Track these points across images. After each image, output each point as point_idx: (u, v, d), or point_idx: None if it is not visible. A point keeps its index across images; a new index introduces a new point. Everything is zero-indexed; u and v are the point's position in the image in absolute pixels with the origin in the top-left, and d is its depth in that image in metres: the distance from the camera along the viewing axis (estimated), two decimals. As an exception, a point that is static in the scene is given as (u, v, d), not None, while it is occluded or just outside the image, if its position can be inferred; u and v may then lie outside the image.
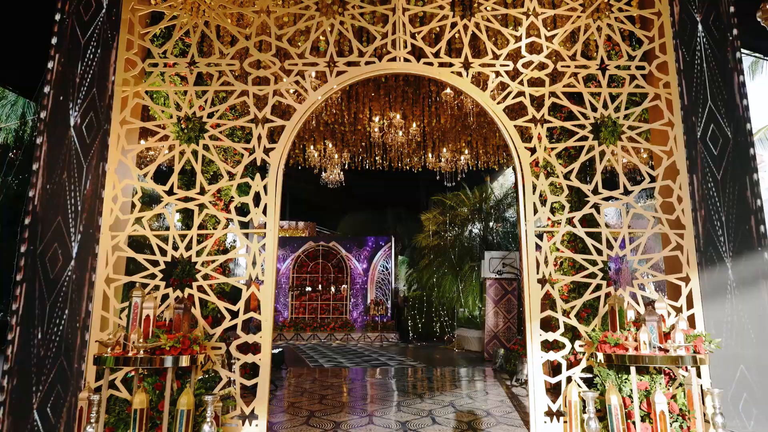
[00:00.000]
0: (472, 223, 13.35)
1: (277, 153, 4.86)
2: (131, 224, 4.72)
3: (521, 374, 7.25)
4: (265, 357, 4.53)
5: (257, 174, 4.85)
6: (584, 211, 4.84)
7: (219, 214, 4.80)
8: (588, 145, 4.94)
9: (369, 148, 8.77)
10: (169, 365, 3.94)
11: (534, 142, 4.92)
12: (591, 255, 4.78)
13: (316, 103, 4.98)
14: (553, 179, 4.94)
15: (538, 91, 5.03)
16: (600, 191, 4.83)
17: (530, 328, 4.62)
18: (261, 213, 4.81)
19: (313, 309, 17.37)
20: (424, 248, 14.40)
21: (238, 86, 5.00)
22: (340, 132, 8.32)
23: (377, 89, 7.30)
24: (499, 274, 10.88)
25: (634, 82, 5.04)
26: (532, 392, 4.53)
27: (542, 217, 4.79)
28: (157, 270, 4.66)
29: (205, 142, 4.92)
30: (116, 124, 4.85)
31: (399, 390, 7.04)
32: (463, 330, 13.14)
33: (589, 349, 4.55)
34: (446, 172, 9.18)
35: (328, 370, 9.26)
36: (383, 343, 14.66)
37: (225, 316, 4.66)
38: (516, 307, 10.95)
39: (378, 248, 17.45)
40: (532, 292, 4.66)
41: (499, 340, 10.88)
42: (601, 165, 4.89)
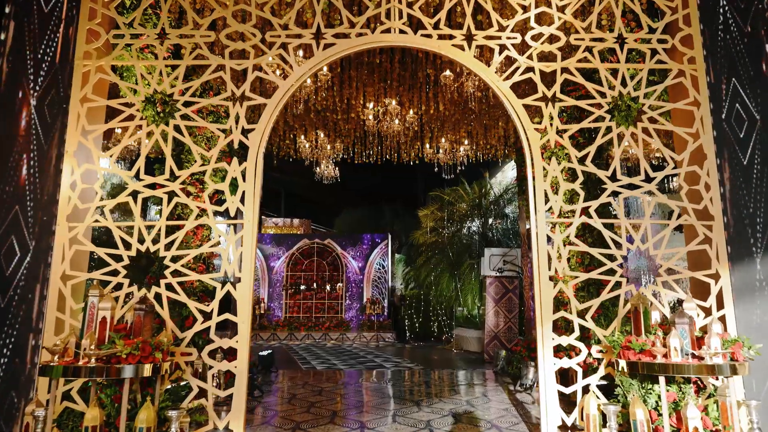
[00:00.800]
0: (471, 219, 12.77)
1: (256, 134, 4.29)
2: (92, 214, 4.14)
3: (526, 379, 6.70)
4: (242, 364, 3.96)
5: (234, 159, 4.27)
6: (601, 199, 4.27)
7: (190, 202, 4.22)
8: (605, 126, 4.38)
9: (363, 137, 8.20)
10: (127, 375, 3.37)
11: (545, 123, 4.36)
12: (608, 249, 4.21)
13: (302, 79, 4.40)
14: (567, 164, 4.37)
15: (549, 66, 4.47)
16: (618, 177, 4.27)
17: (541, 332, 4.05)
18: (238, 201, 4.23)
19: (307, 308, 16.79)
20: (422, 245, 13.82)
21: (213, 60, 4.42)
22: (332, 120, 7.74)
23: (371, 73, 6.73)
24: (499, 272, 10.33)
25: (656, 57, 4.48)
26: (544, 403, 3.96)
27: (554, 207, 4.22)
28: (121, 266, 4.07)
29: (176, 122, 4.33)
30: (76, 102, 4.27)
31: (395, 396, 6.47)
32: (461, 330, 12.58)
33: (607, 356, 3.99)
34: (445, 164, 8.61)
35: (320, 373, 8.68)
36: (379, 344, 14.09)
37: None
38: (517, 307, 10.40)
39: (374, 245, 16.88)
40: (544, 291, 4.09)
41: (500, 341, 10.33)
42: (620, 148, 4.33)
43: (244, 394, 3.92)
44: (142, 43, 4.46)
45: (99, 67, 4.37)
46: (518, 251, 10.40)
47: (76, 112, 4.24)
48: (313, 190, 21.41)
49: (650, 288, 4.09)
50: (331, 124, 7.93)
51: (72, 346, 3.45)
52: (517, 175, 9.23)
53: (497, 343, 10.33)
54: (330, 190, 19.82)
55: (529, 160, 4.35)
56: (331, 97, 7.00)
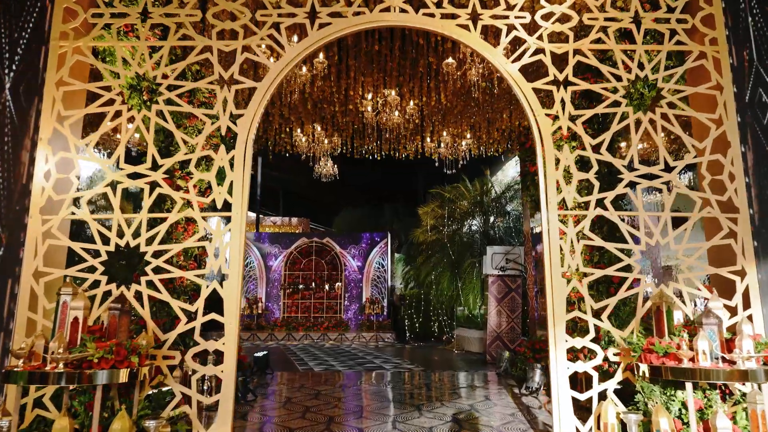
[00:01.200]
0: (472, 217, 12.43)
1: (246, 120, 3.95)
2: (67, 206, 3.80)
3: (532, 382, 6.36)
4: (229, 368, 3.62)
5: (221, 146, 3.94)
6: (618, 190, 3.93)
7: (173, 193, 3.88)
8: (621, 111, 4.05)
9: (362, 131, 7.86)
10: (100, 382, 3.03)
11: (556, 108, 4.02)
12: (625, 244, 3.88)
13: (294, 61, 4.06)
14: (581, 153, 4.03)
15: (561, 48, 4.13)
16: (636, 167, 3.94)
17: (554, 333, 3.72)
18: (226, 192, 3.90)
19: (306, 308, 16.46)
20: (422, 243, 13.47)
21: (199, 41, 4.08)
22: (329, 112, 7.40)
23: (370, 62, 6.40)
24: (502, 270, 10.00)
25: (675, 37, 4.15)
26: (557, 410, 3.63)
27: (567, 198, 3.89)
28: (98, 261, 3.74)
29: (159, 107, 4.00)
30: (51, 85, 3.94)
31: (395, 400, 6.14)
32: (462, 330, 12.25)
33: (625, 359, 3.66)
34: (446, 158, 8.28)
35: (317, 374, 8.35)
36: (379, 344, 13.76)
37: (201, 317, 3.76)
38: (520, 306, 10.07)
39: (374, 244, 16.56)
40: (556, 289, 3.76)
41: (503, 341, 10.00)
42: (638, 135, 4.00)
43: (232, 401, 3.59)
44: (123, 22, 4.12)
45: (76, 48, 4.03)
46: (521, 249, 10.07)
47: (51, 97, 3.91)
48: (311, 189, 21.08)
49: (670, 286, 3.76)
50: (328, 116, 7.60)
51: (39, 350, 3.12)
52: (521, 170, 8.90)
53: (500, 344, 10.00)
54: (329, 188, 19.49)
55: (539, 148, 4.01)
56: (328, 88, 6.67)
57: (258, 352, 8.23)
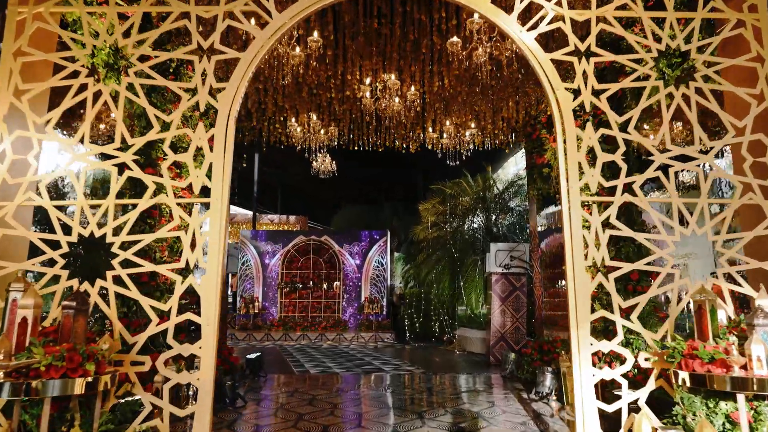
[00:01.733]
0: (474, 213, 11.94)
1: (228, 94, 3.47)
2: (24, 191, 3.32)
3: (542, 386, 5.88)
4: (206, 375, 3.14)
5: (200, 123, 3.46)
6: (648, 174, 3.46)
7: (145, 177, 3.40)
8: (650, 86, 3.57)
9: (360, 120, 7.37)
10: (50, 394, 2.56)
11: (577, 82, 3.54)
12: (655, 234, 3.41)
13: (283, 29, 3.59)
14: (606, 132, 3.55)
15: (582, 14, 3.66)
16: (668, 147, 3.46)
17: (577, 336, 3.24)
18: (204, 176, 3.42)
19: (303, 307, 15.97)
20: (422, 241, 12.98)
21: (175, 6, 3.60)
22: (326, 99, 6.92)
23: (368, 44, 5.92)
24: (506, 268, 9.52)
25: (709, 4, 3.68)
26: (581, 424, 3.15)
27: (591, 183, 3.41)
28: (58, 254, 3.26)
29: (130, 79, 3.52)
30: (8, 55, 3.47)
31: (395, 407, 5.66)
32: (464, 330, 11.77)
33: (658, 365, 3.18)
34: (448, 149, 7.79)
35: (313, 377, 7.87)
36: (378, 344, 13.28)
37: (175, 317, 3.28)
38: (525, 305, 9.58)
39: (373, 243, 16.07)
40: (579, 286, 3.28)
41: (507, 342, 9.52)
42: (669, 112, 3.52)
43: (209, 413, 3.11)
44: (89, -15, 3.65)
45: (37, 14, 3.56)
46: (526, 246, 9.59)
47: (8, 68, 3.44)
48: (309, 186, 20.61)
49: (709, 282, 3.28)
50: (324, 104, 7.12)
51: (-22, 356, 2.63)
52: (527, 163, 8.43)
53: (504, 345, 9.52)
54: (327, 186, 19.02)
55: (558, 126, 3.53)
56: (323, 71, 6.19)
57: (251, 354, 7.75)
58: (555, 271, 8.03)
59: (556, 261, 7.90)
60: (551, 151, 7.32)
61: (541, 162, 7.72)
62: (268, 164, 19.23)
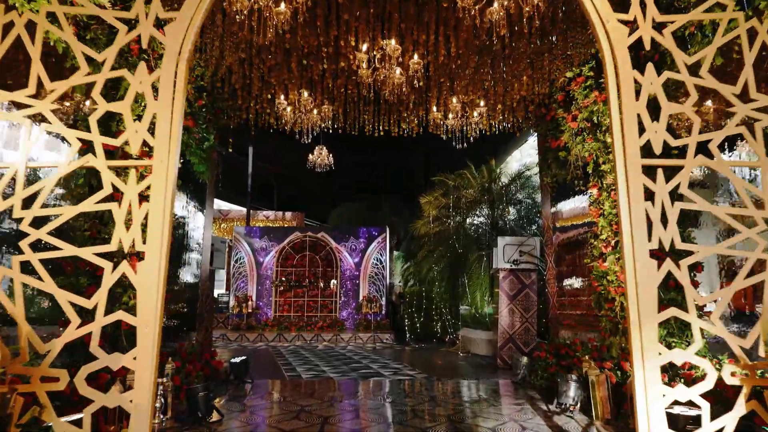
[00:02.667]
0: (479, 206, 11.08)
1: (179, 26, 2.62)
2: None
3: (566, 397, 5.03)
4: (142, 397, 2.28)
5: (141, 63, 2.61)
6: (729, 129, 2.61)
7: (67, 132, 2.54)
8: (727, 18, 2.72)
9: (357, 96, 6.51)
10: None
11: (632, 12, 2.70)
12: (740, 209, 2.56)
13: (251, -56, 2.73)
14: (672, 75, 2.70)
15: (637, -72, 2.82)
16: (753, 97, 2.62)
17: (640, 341, 2.39)
18: (145, 131, 2.56)
19: (299, 306, 15.12)
20: (423, 236, 12.12)
21: None
22: (317, 72, 6.07)
23: (365, 4, 5.08)
24: (515, 264, 8.67)
25: None
26: (647, 462, 2.29)
27: (654, 141, 2.56)
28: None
29: (51, 7, 2.66)
30: None
31: (396, 421, 4.80)
32: (468, 330, 10.91)
33: (749, 382, 2.34)
34: (453, 131, 6.93)
35: (305, 384, 7.01)
36: (376, 345, 12.42)
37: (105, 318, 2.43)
38: (536, 304, 8.74)
39: (371, 239, 15.22)
40: (643, 276, 2.43)
41: (516, 344, 8.68)
42: (753, 52, 2.68)
43: (145, 448, 2.25)
44: None
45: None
46: (537, 240, 8.75)
47: None
48: (306, 181, 19.77)
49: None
50: (316, 77, 6.26)
51: None
52: (539, 148, 7.59)
53: (513, 347, 8.68)
54: (324, 181, 18.18)
55: (610, 69, 2.68)
56: (314, 36, 5.34)
57: (236, 358, 6.89)
58: (568, 268, 7.19)
59: (573, 253, 7.05)
60: (569, 132, 6.49)
61: (556, 145, 6.88)
62: (263, 158, 18.37)
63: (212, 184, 7.52)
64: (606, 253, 5.41)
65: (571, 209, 6.96)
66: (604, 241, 5.50)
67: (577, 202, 6.74)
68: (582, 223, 6.59)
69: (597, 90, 5.70)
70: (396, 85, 5.82)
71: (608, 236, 5.42)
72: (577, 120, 6.17)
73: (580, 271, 6.69)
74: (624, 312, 5.14)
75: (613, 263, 5.30)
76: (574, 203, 6.87)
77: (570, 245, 6.99)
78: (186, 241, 6.93)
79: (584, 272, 6.52)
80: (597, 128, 5.83)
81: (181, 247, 6.73)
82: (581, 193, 6.56)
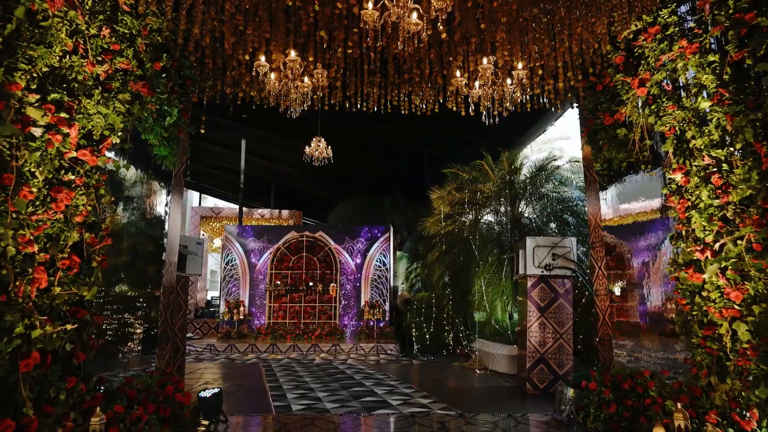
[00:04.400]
0: (497, 202, 9.47)
1: None
2: None
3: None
4: None
5: None
6: None
7: None
8: None
9: (360, 57, 4.94)
10: None
11: None
12: None
13: None
14: None
15: None
16: None
17: None
18: None
19: (295, 312, 13.54)
20: (434, 236, 10.52)
21: None
22: (306, 22, 4.50)
23: None
24: (547, 269, 7.10)
25: None
26: None
27: None
28: None
29: None
30: None
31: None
32: (485, 344, 9.34)
33: None
34: (478, 104, 5.33)
35: (293, 422, 5.43)
36: (380, 358, 10.84)
37: None
38: (571, 318, 7.18)
39: (374, 240, 13.65)
40: None
41: (548, 365, 7.11)
42: None
43: None
44: None
45: None
46: (572, 241, 7.18)
47: None
48: (304, 181, 18.19)
49: None
50: (304, 29, 4.68)
51: None
52: (583, 129, 6.00)
53: (544, 368, 7.11)
54: (322, 179, 16.61)
55: None
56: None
57: (205, 392, 5.29)
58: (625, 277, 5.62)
59: (638, 257, 5.47)
60: (632, 102, 4.92)
61: (612, 122, 5.31)
62: (259, 155, 16.79)
63: (180, 173, 5.94)
64: (704, 260, 3.83)
65: (633, 202, 5.39)
66: (698, 243, 3.93)
67: (642, 191, 5.17)
68: (650, 220, 5.02)
69: (685, 39, 4.12)
70: (411, 36, 4.22)
71: (706, 236, 3.84)
72: (647, 85, 4.60)
73: (651, 282, 5.12)
74: (737, 344, 3.57)
75: (715, 274, 3.73)
76: (636, 193, 5.30)
77: (633, 248, 5.42)
78: (140, 240, 5.35)
79: (656, 283, 4.96)
80: (680, 91, 4.26)
81: (132, 249, 5.15)
82: (646, 180, 5.00)
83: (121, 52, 4.21)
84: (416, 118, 6.44)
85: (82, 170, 3.84)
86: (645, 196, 5.14)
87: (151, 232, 5.84)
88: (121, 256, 5.79)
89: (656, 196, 5.15)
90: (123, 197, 5.70)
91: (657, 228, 4.95)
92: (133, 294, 5.53)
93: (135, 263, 5.91)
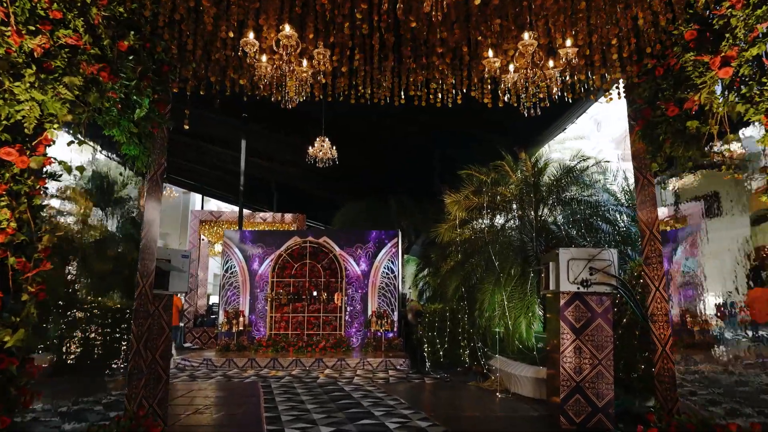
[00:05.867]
0: (521, 207, 8.42)
1: None
2: None
3: None
4: None
5: None
6: None
7: None
8: None
9: (371, 29, 3.99)
10: None
11: None
12: None
13: None
14: None
15: None
16: None
17: None
18: None
19: (297, 323, 12.57)
20: (448, 244, 9.49)
21: None
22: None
23: None
24: (584, 285, 6.08)
25: None
26: None
27: None
28: None
29: None
30: None
31: None
32: (507, 363, 8.31)
33: None
34: (514, 89, 4.33)
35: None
36: (390, 376, 9.83)
37: None
38: (611, 341, 6.15)
39: (381, 245, 12.67)
40: None
41: (585, 395, 6.08)
42: None
43: None
44: None
45: None
46: (612, 253, 6.15)
47: None
48: (305, 180, 17.20)
49: None
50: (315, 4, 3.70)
51: None
52: (636, 121, 4.97)
53: (581, 399, 6.08)
54: (324, 178, 15.61)
55: None
56: None
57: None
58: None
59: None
60: (708, 86, 3.91)
61: (676, 113, 4.28)
62: (260, 156, 15.83)
63: (157, 176, 4.96)
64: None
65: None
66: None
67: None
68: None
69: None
70: (435, 4, 3.23)
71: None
72: (732, 64, 3.59)
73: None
74: None
75: None
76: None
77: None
78: (101, 253, 4.37)
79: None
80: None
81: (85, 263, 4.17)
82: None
83: (66, 23, 3.24)
84: (430, 111, 5.48)
85: (8, 174, 2.87)
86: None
87: (124, 248, 4.87)
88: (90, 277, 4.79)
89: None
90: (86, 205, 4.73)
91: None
92: (104, 320, 4.56)
93: (109, 283, 4.92)
